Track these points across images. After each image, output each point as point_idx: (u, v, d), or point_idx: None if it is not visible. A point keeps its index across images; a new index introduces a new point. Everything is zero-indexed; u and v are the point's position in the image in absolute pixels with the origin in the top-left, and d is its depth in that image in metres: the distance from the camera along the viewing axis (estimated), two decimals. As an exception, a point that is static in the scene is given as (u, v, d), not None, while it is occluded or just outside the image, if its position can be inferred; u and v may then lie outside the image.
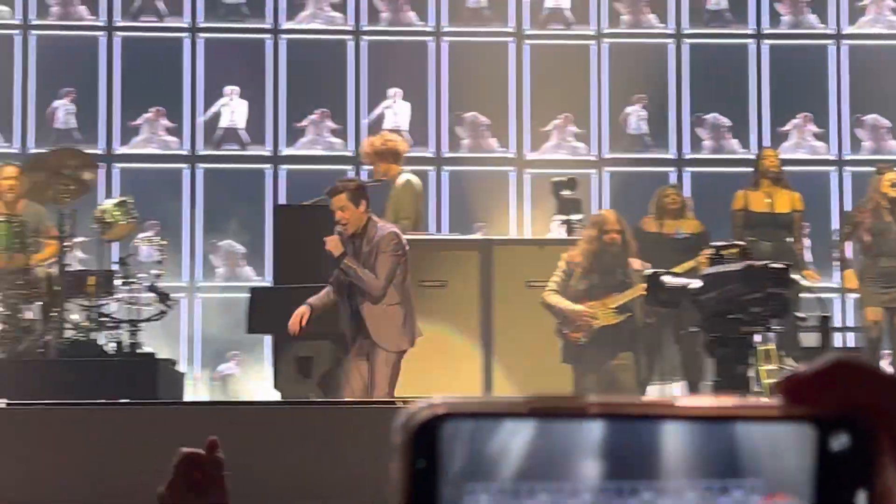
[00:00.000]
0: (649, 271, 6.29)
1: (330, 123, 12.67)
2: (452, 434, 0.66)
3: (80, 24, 12.61)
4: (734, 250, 6.41)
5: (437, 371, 8.39)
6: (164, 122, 12.58)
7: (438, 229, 12.06)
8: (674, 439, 0.69)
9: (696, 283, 5.93)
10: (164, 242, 9.75)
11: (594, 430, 0.68)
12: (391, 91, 12.66)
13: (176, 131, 12.59)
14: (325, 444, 6.24)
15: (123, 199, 9.48)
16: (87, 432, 6.21)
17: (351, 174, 11.57)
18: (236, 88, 12.64)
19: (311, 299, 7.95)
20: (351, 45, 12.73)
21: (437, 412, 0.66)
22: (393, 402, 7.14)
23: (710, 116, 12.87)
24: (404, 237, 8.01)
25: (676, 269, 7.15)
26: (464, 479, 0.66)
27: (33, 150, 12.01)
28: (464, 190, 12.59)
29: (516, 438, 0.66)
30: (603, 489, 0.68)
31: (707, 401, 0.71)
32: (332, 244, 7.79)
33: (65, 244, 8.98)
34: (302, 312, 7.86)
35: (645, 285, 6.31)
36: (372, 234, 7.82)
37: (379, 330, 7.83)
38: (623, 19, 12.89)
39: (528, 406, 0.67)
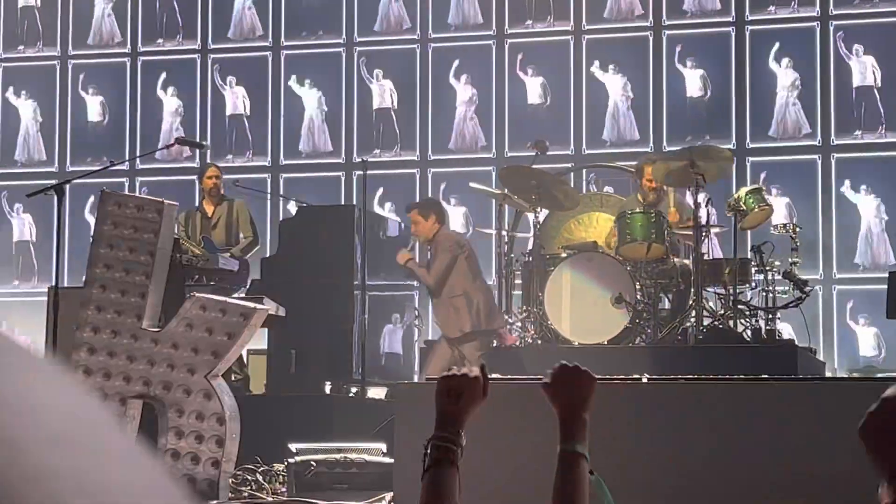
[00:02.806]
0: None
1: None
2: None
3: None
4: None
5: None
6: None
7: None
8: None
9: None
10: (799, 229, 9.61)
11: None
12: None
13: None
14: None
15: (757, 186, 9.43)
16: (721, 409, 6.22)
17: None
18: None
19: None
20: None
21: None
22: None
23: None
24: (462, 239, 9.86)
25: None
26: None
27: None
28: None
29: None
30: None
31: None
32: (399, 255, 9.73)
33: (702, 232, 9.05)
34: None
35: None
36: (437, 240, 9.59)
37: (438, 318, 9.69)
38: None
39: None
